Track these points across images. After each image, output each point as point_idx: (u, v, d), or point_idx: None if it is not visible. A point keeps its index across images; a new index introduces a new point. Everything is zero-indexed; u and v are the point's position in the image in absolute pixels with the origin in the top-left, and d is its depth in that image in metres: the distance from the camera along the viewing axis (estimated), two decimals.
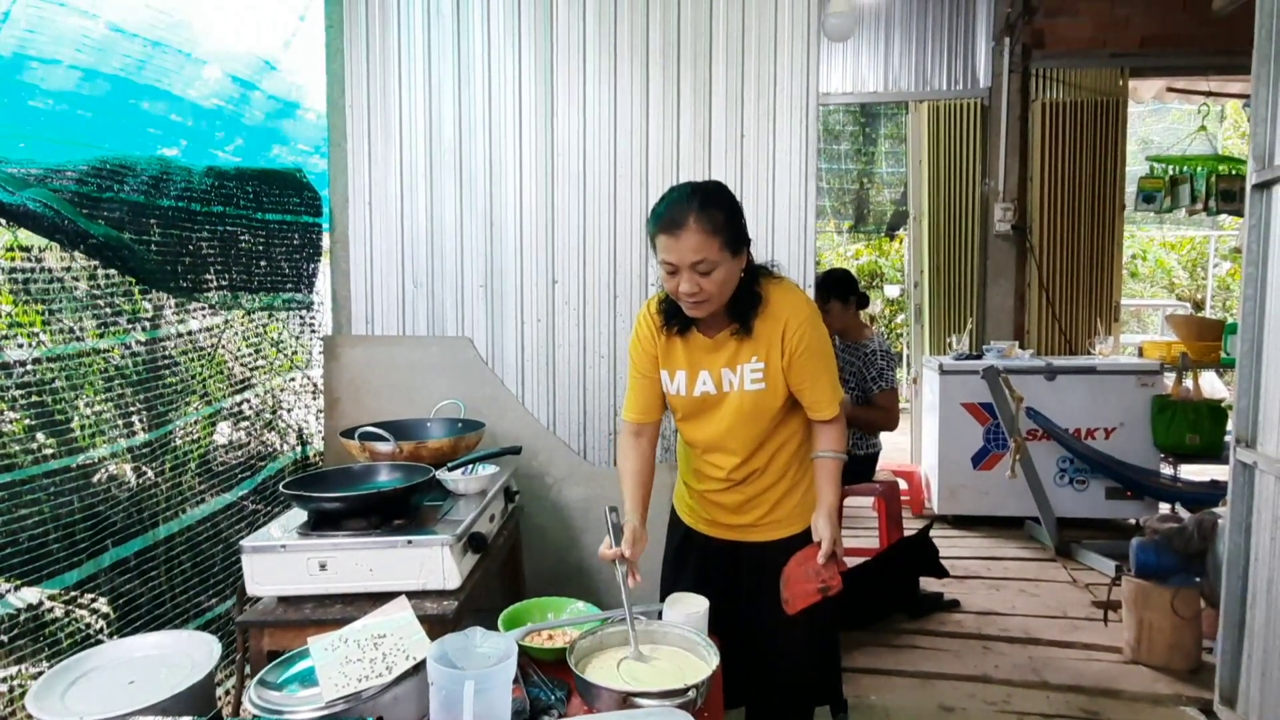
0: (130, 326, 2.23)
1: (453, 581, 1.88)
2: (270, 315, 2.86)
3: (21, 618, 1.90)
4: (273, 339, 2.91)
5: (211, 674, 1.55)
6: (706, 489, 2.04)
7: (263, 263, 2.76)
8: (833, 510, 1.86)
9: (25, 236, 1.95)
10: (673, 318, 1.92)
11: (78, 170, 2.08)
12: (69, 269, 2.06)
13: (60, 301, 2.04)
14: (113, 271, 2.13)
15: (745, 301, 1.86)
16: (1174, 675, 3.14)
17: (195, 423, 2.42)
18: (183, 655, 1.61)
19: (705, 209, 1.74)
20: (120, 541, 2.15)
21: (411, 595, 1.84)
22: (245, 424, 2.72)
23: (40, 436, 2.01)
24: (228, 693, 2.20)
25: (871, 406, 3.66)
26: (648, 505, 1.97)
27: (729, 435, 1.94)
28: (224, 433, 2.65)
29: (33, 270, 1.97)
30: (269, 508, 2.73)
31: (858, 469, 3.82)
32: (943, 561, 3.85)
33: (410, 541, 1.87)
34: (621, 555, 1.74)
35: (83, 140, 2.14)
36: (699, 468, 2.05)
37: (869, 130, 7.32)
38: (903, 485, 4.76)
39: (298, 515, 2.04)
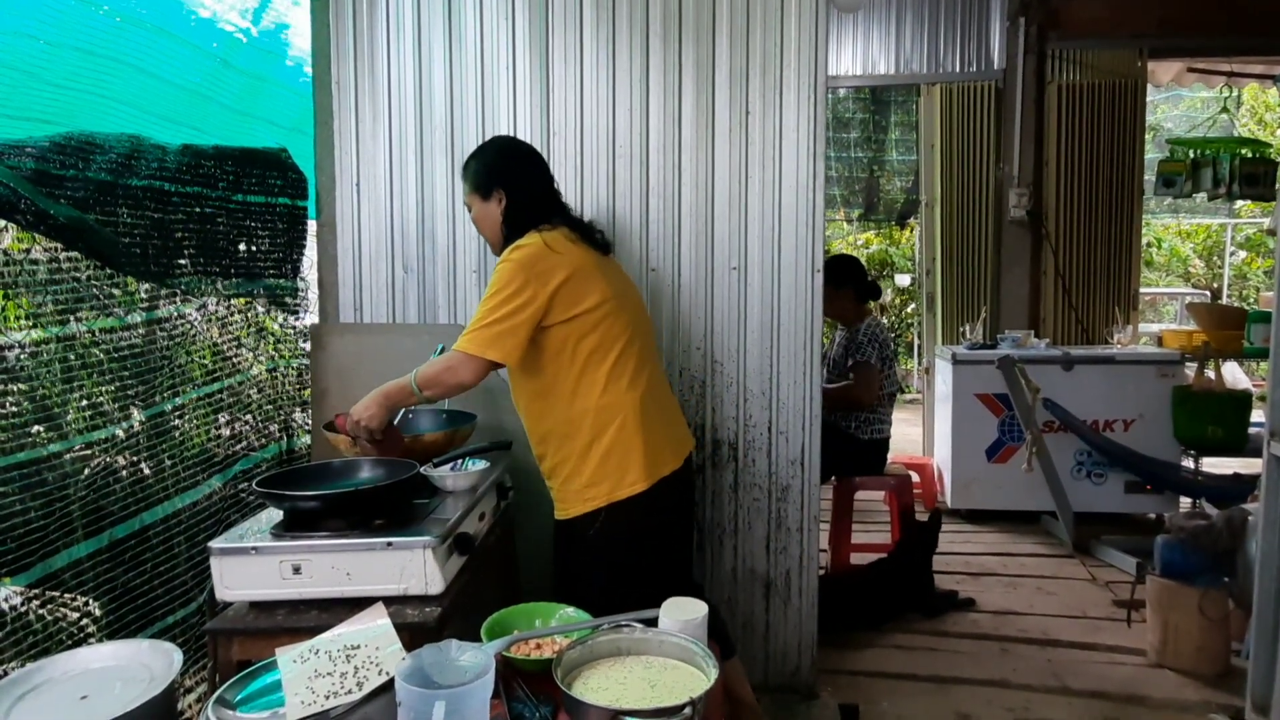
0: (95, 313, 2.10)
1: (435, 586, 1.74)
2: (250, 302, 2.73)
3: None
4: (256, 326, 2.78)
5: (172, 686, 1.43)
6: None
7: (243, 247, 2.62)
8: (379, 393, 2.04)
9: None
10: None
11: (38, 147, 1.95)
12: (28, 251, 1.93)
13: (18, 286, 1.91)
14: (76, 254, 2.00)
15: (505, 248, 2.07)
16: (1202, 680, 2.99)
17: (161, 415, 2.29)
18: (140, 667, 1.48)
19: (467, 161, 2.18)
20: (91, 535, 2.03)
21: (392, 601, 1.72)
22: (225, 416, 2.59)
23: None
24: (199, 700, 2.08)
25: (843, 379, 3.63)
26: None
27: None
28: (202, 425, 2.52)
29: None
30: (260, 502, 2.60)
31: (864, 456, 3.67)
32: (957, 558, 3.71)
33: (390, 543, 1.73)
34: None
35: (44, 116, 2.00)
36: None
37: (879, 118, 7.13)
38: (915, 478, 4.62)
39: (276, 514, 1.91)
